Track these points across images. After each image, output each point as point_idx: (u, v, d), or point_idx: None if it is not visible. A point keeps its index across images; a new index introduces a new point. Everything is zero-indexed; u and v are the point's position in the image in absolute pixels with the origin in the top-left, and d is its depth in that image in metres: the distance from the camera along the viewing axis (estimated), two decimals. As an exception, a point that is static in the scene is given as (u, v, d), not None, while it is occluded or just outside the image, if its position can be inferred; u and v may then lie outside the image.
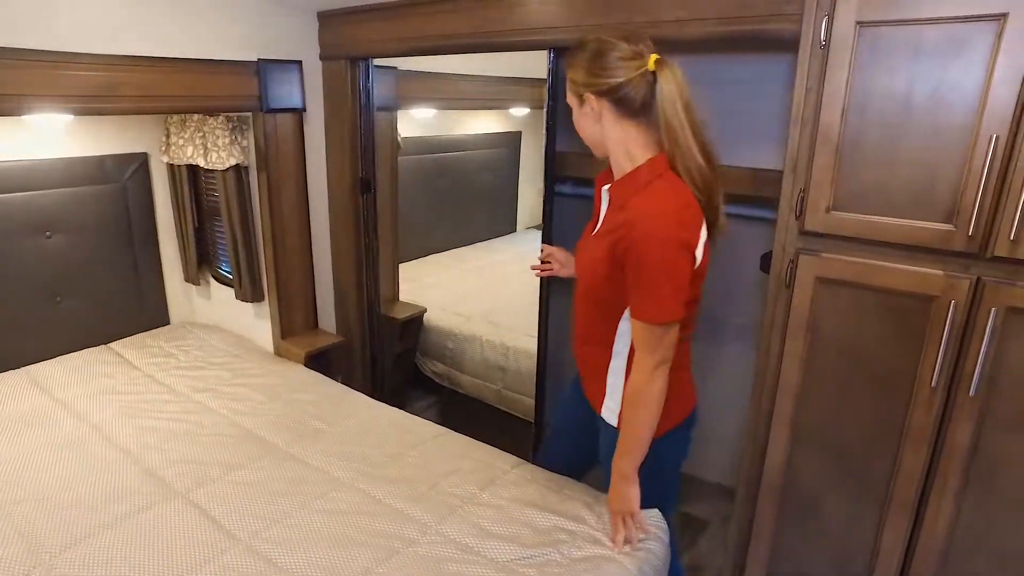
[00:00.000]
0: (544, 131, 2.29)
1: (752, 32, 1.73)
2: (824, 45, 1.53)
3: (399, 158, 3.39)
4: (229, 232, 2.79)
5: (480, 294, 3.70)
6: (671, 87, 1.35)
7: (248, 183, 2.74)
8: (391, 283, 3.31)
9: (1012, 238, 1.41)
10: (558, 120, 2.25)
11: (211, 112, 2.59)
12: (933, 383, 1.55)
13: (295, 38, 2.66)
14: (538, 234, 2.51)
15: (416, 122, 3.92)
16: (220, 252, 3.05)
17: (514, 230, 4.97)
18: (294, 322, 2.91)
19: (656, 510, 1.74)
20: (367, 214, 3.05)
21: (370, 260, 3.07)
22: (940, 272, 1.51)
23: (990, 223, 1.43)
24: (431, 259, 4.19)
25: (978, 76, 1.38)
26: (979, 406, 1.52)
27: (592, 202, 1.64)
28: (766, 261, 1.79)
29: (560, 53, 2.13)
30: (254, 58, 2.49)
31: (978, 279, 1.47)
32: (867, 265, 1.61)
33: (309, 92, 2.76)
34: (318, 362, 2.85)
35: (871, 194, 1.56)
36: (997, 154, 1.39)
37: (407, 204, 3.78)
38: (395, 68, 3.05)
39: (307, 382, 2.58)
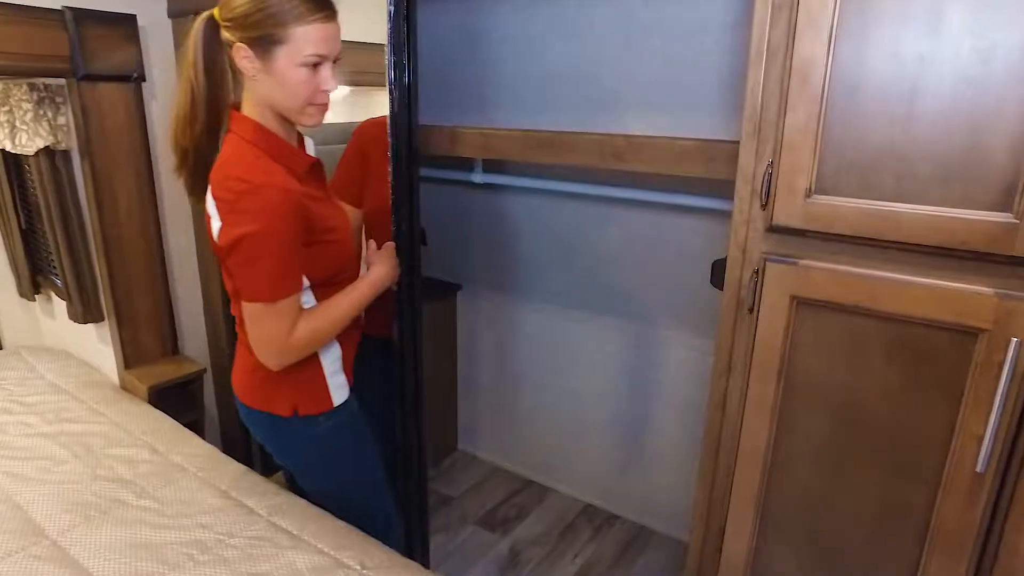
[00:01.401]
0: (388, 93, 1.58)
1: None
2: (800, -72, 0.97)
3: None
4: (50, 234, 2.19)
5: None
6: None
7: (71, 172, 2.13)
8: (280, 296, 2.70)
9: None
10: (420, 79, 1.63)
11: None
12: (979, 466, 0.98)
13: (129, -15, 2.06)
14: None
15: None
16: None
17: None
18: (143, 347, 2.30)
19: None
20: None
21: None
22: (989, 291, 0.95)
23: (1074, 210, 0.88)
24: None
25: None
26: (1056, 508, 0.96)
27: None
28: (719, 271, 1.22)
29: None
30: (58, 5, 1.89)
31: (1054, 302, 0.91)
32: (870, 279, 1.04)
33: (155, 57, 2.16)
34: (174, 398, 2.25)
35: (876, 167, 1.00)
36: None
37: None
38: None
39: (140, 429, 1.97)
